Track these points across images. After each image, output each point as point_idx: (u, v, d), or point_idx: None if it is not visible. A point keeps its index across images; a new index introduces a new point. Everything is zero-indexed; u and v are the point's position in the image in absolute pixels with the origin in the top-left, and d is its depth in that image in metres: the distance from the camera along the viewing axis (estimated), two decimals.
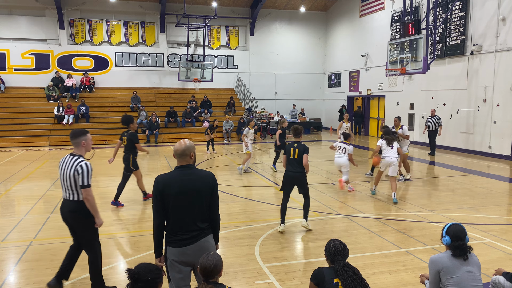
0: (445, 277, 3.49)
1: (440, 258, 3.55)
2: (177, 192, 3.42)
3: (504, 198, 9.44)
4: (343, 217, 7.85)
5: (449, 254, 3.54)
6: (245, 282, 5.10)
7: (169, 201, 3.43)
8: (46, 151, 17.71)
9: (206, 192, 3.52)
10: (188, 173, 3.51)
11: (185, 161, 3.53)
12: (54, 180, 11.39)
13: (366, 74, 23.45)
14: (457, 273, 3.44)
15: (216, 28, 25.97)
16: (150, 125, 20.64)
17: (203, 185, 3.51)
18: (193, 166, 3.60)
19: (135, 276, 2.83)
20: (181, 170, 3.52)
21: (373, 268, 5.49)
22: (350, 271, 3.20)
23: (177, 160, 3.56)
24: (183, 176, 3.48)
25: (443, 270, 3.49)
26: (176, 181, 3.45)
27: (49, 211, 8.27)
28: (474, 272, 3.49)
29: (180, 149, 3.50)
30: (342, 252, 3.35)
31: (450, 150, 17.06)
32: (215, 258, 3.05)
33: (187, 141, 3.56)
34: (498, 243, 6.41)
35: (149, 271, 2.88)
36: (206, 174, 3.59)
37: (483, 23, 15.46)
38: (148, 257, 5.82)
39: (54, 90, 22.32)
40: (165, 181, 3.46)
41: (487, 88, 15.40)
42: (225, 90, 26.08)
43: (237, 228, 7.19)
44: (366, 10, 23.17)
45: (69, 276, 4.91)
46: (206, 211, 3.57)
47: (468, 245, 3.56)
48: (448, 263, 3.49)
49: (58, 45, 23.36)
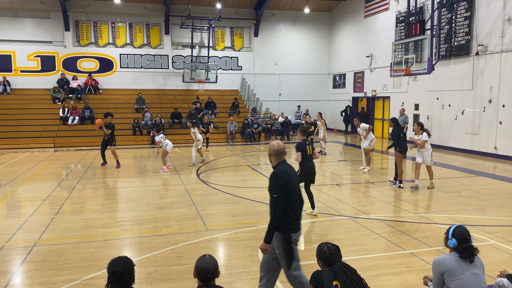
0: (449, 279, 3.46)
1: (444, 260, 3.52)
2: (295, 183, 4.15)
3: (510, 200, 9.36)
4: (347, 218, 7.82)
5: (453, 256, 3.51)
6: (248, 284, 5.09)
7: (292, 190, 4.08)
8: (51, 152, 17.80)
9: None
10: (291, 167, 4.24)
11: (283, 157, 4.24)
12: (59, 181, 11.45)
13: (370, 75, 23.38)
14: (461, 275, 3.42)
15: (221, 29, 26.00)
16: (154, 126, 20.67)
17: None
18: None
19: (120, 272, 2.88)
20: (288, 164, 4.22)
21: (377, 270, 5.46)
22: (348, 271, 3.17)
23: (276, 158, 4.20)
24: (293, 169, 4.22)
25: (447, 272, 3.46)
26: (293, 173, 4.19)
27: (53, 212, 8.31)
28: (478, 274, 3.46)
29: (282, 148, 4.21)
30: (337, 253, 3.34)
31: (455, 151, 16.96)
32: (213, 260, 3.05)
33: (281, 142, 4.29)
34: (504, 244, 6.35)
35: (127, 261, 2.97)
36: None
37: (489, 23, 15.37)
38: (152, 258, 5.83)
39: (60, 91, 22.44)
40: (288, 173, 4.09)
41: (493, 89, 15.29)
42: (230, 91, 26.10)
43: (241, 229, 7.18)
44: (370, 10, 23.11)
45: None
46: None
47: (475, 247, 3.53)
48: (453, 265, 3.46)
49: (64, 47, 23.50)
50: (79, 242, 6.54)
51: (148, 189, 10.49)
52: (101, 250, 6.19)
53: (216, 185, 10.90)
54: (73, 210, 8.56)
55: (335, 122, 27.07)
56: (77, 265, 5.61)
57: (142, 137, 20.94)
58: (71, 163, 14.72)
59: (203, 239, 6.67)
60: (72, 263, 5.70)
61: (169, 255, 5.90)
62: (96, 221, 7.71)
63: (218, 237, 6.81)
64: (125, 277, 2.90)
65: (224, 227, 7.36)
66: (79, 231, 7.15)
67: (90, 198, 9.62)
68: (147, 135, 20.89)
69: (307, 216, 7.92)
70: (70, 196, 9.69)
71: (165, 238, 6.73)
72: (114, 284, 2.89)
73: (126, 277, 2.91)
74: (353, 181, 11.40)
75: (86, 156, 16.33)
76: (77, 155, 16.87)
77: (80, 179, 11.70)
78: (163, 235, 6.91)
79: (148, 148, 19.08)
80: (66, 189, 10.42)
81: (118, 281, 2.88)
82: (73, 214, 8.27)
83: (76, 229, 7.24)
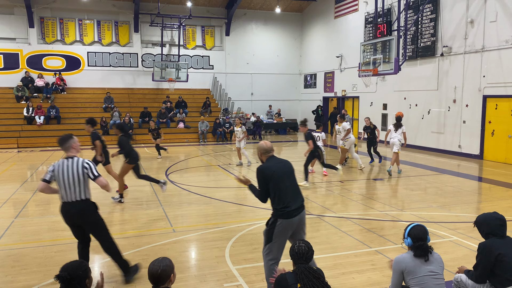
0: (408, 277, 3.52)
1: (403, 258, 3.59)
2: (282, 175, 4.44)
3: (473, 196, 9.66)
4: (314, 217, 7.86)
5: (410, 255, 3.57)
6: (214, 285, 5.02)
7: (278, 181, 4.39)
8: (14, 153, 17.17)
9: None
10: (280, 160, 4.62)
11: (272, 153, 4.61)
12: (21, 183, 11.03)
13: (340, 75, 23.67)
14: (419, 273, 3.48)
15: (191, 28, 25.76)
16: (123, 126, 20.22)
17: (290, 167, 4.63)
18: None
19: (67, 278, 2.78)
20: (276, 158, 4.59)
21: (342, 268, 5.50)
22: (310, 275, 3.14)
23: (265, 156, 4.56)
24: (280, 162, 4.57)
25: (406, 270, 3.52)
26: (280, 165, 4.51)
27: (13, 216, 7.99)
28: (436, 272, 3.52)
29: (270, 146, 4.59)
30: (305, 255, 3.30)
31: (421, 149, 17.38)
32: (163, 263, 2.99)
33: (268, 141, 4.65)
34: (465, 240, 6.53)
35: (77, 267, 2.88)
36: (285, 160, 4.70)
37: (453, 25, 15.82)
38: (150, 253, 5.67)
39: (24, 90, 21.68)
40: (269, 168, 4.45)
41: (457, 89, 15.76)
42: (201, 90, 25.88)
43: (208, 230, 7.10)
44: (340, 11, 23.39)
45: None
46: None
47: (429, 245, 3.59)
48: (411, 263, 3.52)
49: (28, 44, 22.71)
50: (39, 246, 6.31)
51: (115, 190, 10.24)
52: (62, 254, 5.98)
53: (186, 185, 10.77)
54: (35, 213, 8.26)
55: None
56: (35, 270, 5.40)
57: (110, 137, 20.43)
58: (36, 164, 14.23)
59: (169, 241, 6.55)
60: (31, 268, 5.48)
61: (133, 258, 5.75)
62: (60, 224, 7.42)
63: (184, 238, 6.71)
64: (73, 283, 2.78)
65: (192, 228, 7.26)
66: (40, 234, 6.90)
67: (55, 200, 9.27)
68: (115, 135, 20.41)
69: None
70: (33, 198, 9.35)
71: (129, 240, 6.57)
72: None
73: (74, 283, 2.78)
74: (322, 180, 11.50)
75: (52, 157, 15.84)
76: (42, 155, 16.33)
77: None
78: (128, 237, 6.75)
79: (116, 148, 18.63)
80: (29, 191, 10.05)
81: (66, 287, 2.76)
82: (35, 217, 7.98)
83: (37, 233, 6.98)
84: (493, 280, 3.74)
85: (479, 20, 14.72)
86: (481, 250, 3.79)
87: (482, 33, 14.62)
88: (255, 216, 7.95)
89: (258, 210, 8.33)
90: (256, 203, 8.85)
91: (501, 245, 3.71)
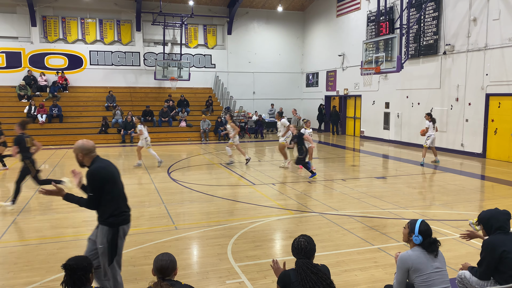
0: (415, 275, 3.48)
1: (409, 256, 3.53)
2: (117, 175, 4.19)
3: (475, 195, 9.63)
4: (317, 215, 7.84)
5: (418, 252, 3.52)
6: (216, 282, 5.02)
7: (115, 183, 4.13)
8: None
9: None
10: (109, 161, 4.24)
11: (96, 153, 4.20)
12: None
13: (342, 73, 23.63)
14: (426, 270, 3.44)
15: (193, 26, 25.74)
16: (125, 124, 20.26)
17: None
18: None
19: (73, 266, 2.90)
20: (104, 159, 4.19)
21: (345, 265, 5.49)
22: (308, 270, 3.11)
23: (89, 157, 4.09)
24: (110, 163, 4.22)
25: (413, 268, 3.47)
26: (112, 166, 4.19)
27: (16, 213, 8.00)
28: (441, 268, 3.50)
29: (92, 144, 4.15)
30: (304, 250, 3.26)
31: None
32: (170, 257, 3.15)
33: (86, 140, 4.19)
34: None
35: (82, 259, 3.01)
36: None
37: (455, 23, 15.76)
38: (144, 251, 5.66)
39: (26, 89, 21.71)
40: (105, 168, 4.10)
41: (459, 87, 15.70)
42: (203, 89, 25.88)
43: (210, 227, 7.09)
44: (342, 10, 23.34)
45: None
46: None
47: (438, 239, 3.58)
48: (418, 260, 3.48)
49: (30, 43, 22.74)
50: (42, 243, 6.31)
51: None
52: (64, 251, 5.98)
53: (188, 183, 10.76)
54: (38, 210, 8.27)
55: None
56: (37, 267, 5.40)
57: (112, 136, 20.49)
58: (38, 162, 14.21)
59: (171, 238, 6.55)
60: (33, 265, 5.48)
61: (135, 255, 5.76)
62: (62, 221, 7.47)
63: (186, 235, 6.70)
64: (78, 273, 2.87)
65: (194, 225, 7.26)
66: (42, 231, 6.91)
67: (57, 197, 9.30)
68: (117, 133, 20.44)
69: (277, 212, 7.92)
70: (36, 196, 9.36)
71: (132, 237, 6.56)
72: (68, 281, 2.86)
73: (79, 274, 2.88)
74: (325, 178, 11.48)
75: (54, 155, 15.85)
76: (45, 154, 16.34)
77: (47, 178, 11.29)
78: (131, 234, 6.69)
79: (118, 147, 18.69)
80: (31, 189, 10.06)
81: (70, 276, 2.85)
82: (37, 214, 7.99)
83: (40, 230, 6.99)
84: (497, 277, 3.72)
85: (482, 18, 14.66)
86: (485, 247, 3.76)
87: (485, 31, 14.57)
88: (257, 213, 7.94)
89: (260, 208, 8.32)
90: (258, 201, 8.86)
91: (505, 242, 3.68)
